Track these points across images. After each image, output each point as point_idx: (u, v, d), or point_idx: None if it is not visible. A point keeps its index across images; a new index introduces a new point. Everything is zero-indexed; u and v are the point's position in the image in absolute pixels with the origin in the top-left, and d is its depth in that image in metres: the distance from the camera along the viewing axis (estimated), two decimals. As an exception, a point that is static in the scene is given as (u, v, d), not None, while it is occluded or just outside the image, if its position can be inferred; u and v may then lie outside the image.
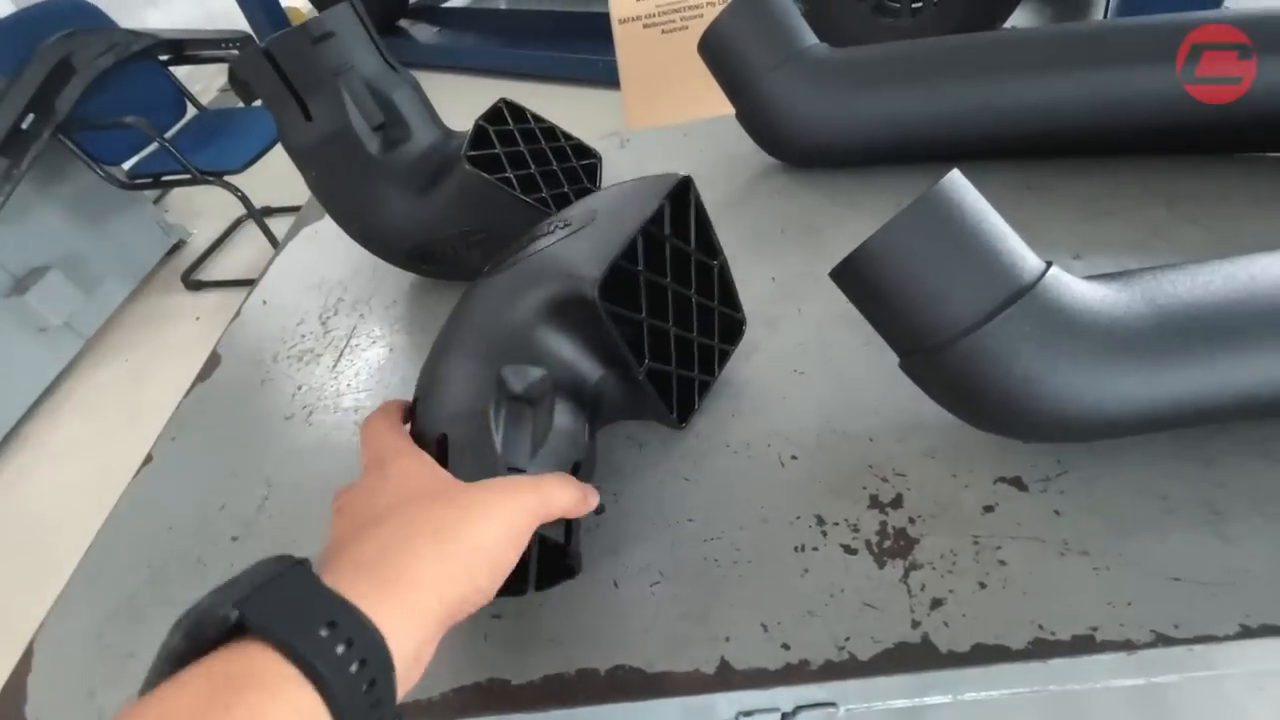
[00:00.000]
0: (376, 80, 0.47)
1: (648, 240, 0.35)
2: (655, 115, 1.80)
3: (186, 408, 0.50)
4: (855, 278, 0.33)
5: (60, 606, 0.39)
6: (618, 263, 0.33)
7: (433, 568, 0.23)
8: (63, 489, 1.53)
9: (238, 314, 0.58)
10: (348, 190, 0.49)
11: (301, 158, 0.48)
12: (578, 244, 0.35)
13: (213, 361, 0.54)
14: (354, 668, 0.20)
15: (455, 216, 0.48)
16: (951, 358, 0.31)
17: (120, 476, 0.43)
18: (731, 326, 0.43)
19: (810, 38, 0.55)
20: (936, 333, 0.31)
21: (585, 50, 2.57)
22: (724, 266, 0.41)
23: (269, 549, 0.39)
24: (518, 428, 0.32)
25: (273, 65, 0.44)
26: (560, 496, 0.29)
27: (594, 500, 0.31)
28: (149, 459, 0.46)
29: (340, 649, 0.19)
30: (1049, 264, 0.31)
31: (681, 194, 0.38)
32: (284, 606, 0.20)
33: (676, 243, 0.38)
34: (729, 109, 0.61)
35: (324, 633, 0.19)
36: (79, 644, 0.37)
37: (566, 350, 0.35)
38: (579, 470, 0.33)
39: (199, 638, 0.19)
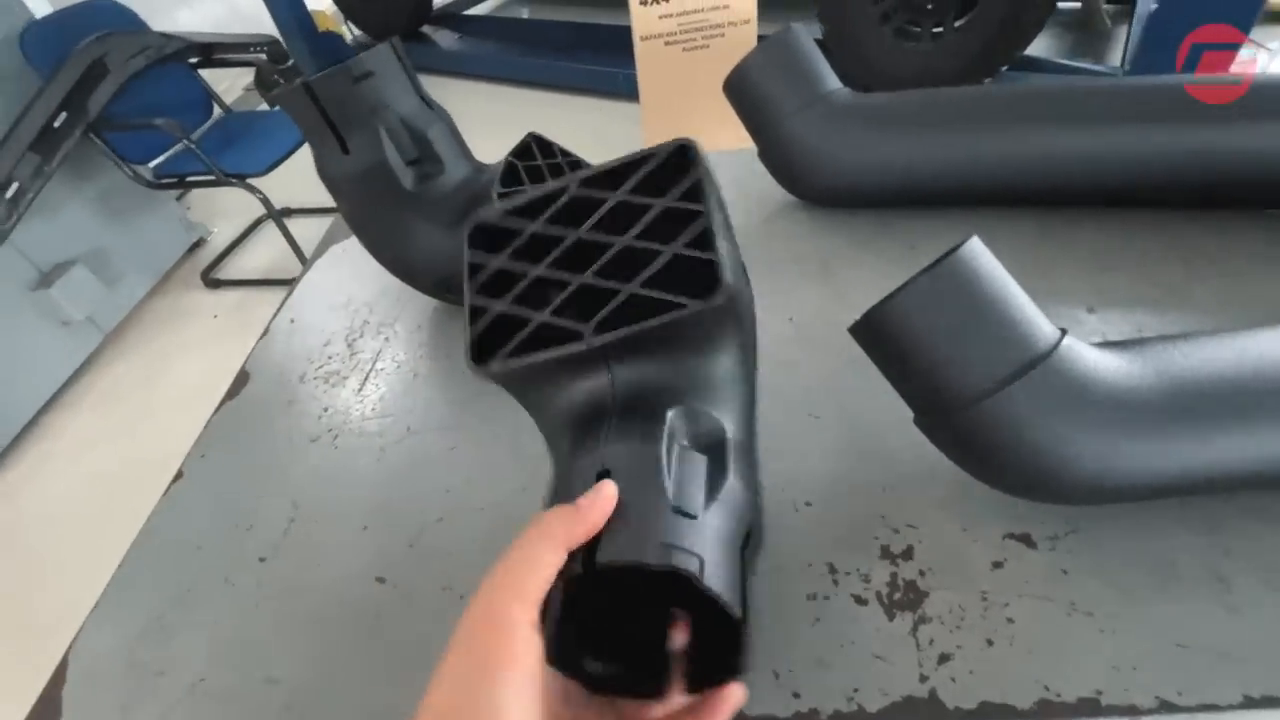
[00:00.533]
0: (412, 117, 0.48)
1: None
2: (673, 132, 1.81)
3: (216, 425, 0.52)
4: (874, 336, 0.34)
5: (93, 621, 0.40)
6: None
7: None
8: (80, 480, 1.55)
9: (266, 331, 0.60)
10: (380, 221, 0.50)
11: (336, 188, 0.50)
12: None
13: (241, 379, 0.55)
14: None
15: (483, 250, 0.49)
16: (966, 420, 0.32)
17: (136, 470, 0.45)
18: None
19: (834, 82, 0.57)
20: (952, 396, 0.32)
21: (606, 63, 2.59)
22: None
23: (294, 572, 0.41)
24: (691, 473, 0.26)
25: (313, 100, 0.45)
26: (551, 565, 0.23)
27: (608, 503, 0.25)
28: (179, 475, 0.48)
29: None
30: (1063, 332, 0.32)
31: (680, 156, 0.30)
32: None
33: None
34: (747, 142, 0.62)
35: None
36: (111, 660, 0.38)
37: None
38: (749, 541, 0.27)
39: None
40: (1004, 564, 0.35)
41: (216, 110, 2.05)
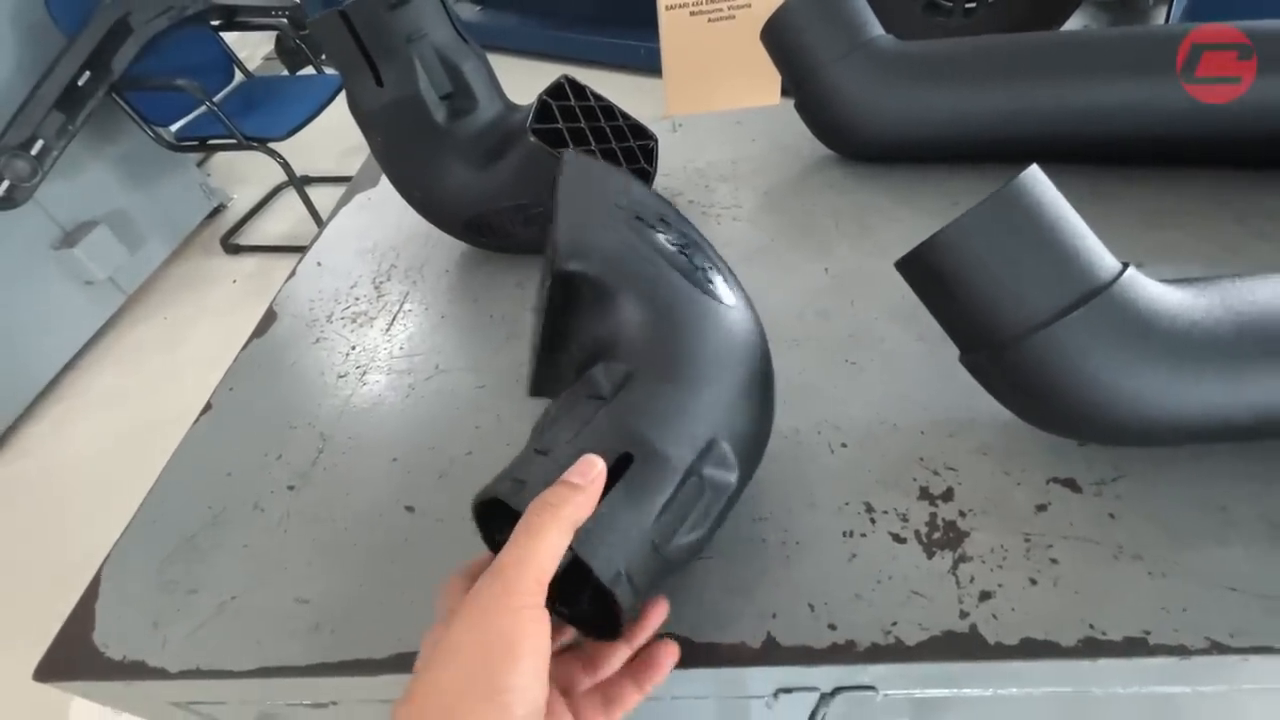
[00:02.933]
0: (447, 50, 0.47)
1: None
2: (695, 105, 1.79)
3: (244, 360, 0.52)
4: (924, 268, 0.33)
5: (124, 541, 0.40)
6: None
7: None
8: (101, 437, 1.58)
9: (293, 273, 0.60)
10: (412, 157, 0.49)
11: (368, 122, 0.49)
12: None
13: (269, 318, 0.55)
14: None
15: (515, 189, 0.48)
16: (1020, 354, 0.31)
17: (156, 429, 0.45)
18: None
19: (877, 28, 0.55)
20: (1006, 328, 0.31)
21: (627, 36, 2.55)
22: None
23: (324, 499, 0.41)
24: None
25: (348, 28, 0.45)
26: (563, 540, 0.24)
27: (598, 479, 0.26)
28: (208, 407, 0.48)
29: None
30: (1126, 264, 0.31)
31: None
32: None
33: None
34: (770, 104, 0.61)
35: None
36: (142, 577, 0.38)
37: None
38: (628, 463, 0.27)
39: None
40: (1047, 507, 0.34)
41: (238, 75, 2.05)
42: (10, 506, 1.46)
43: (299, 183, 1.90)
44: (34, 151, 1.54)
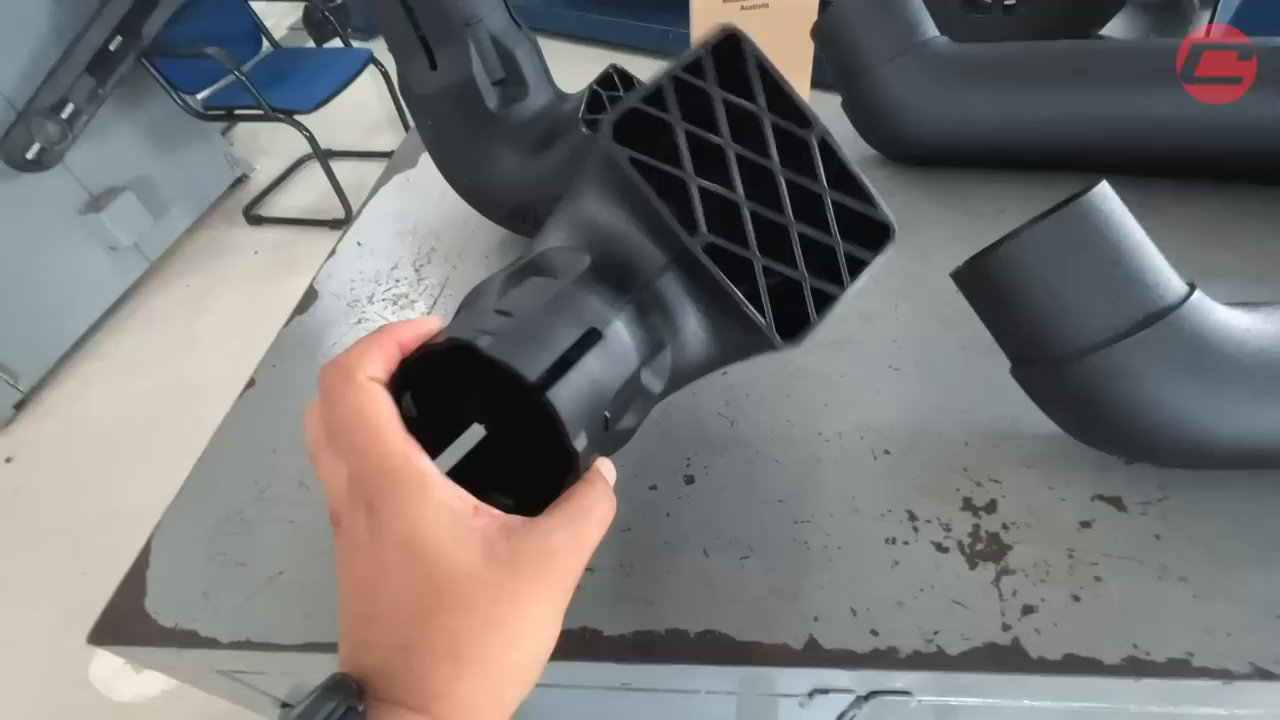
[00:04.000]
0: (501, 35, 0.47)
1: (686, 93, 0.26)
2: (725, 93, 1.77)
3: (286, 337, 0.52)
4: (984, 278, 0.32)
5: (174, 511, 0.41)
6: (638, 106, 0.25)
7: (486, 708, 0.21)
8: (122, 400, 1.60)
9: (333, 253, 0.60)
10: (462, 142, 0.49)
11: (419, 105, 0.49)
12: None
13: (310, 296, 0.56)
14: None
15: (563, 179, 0.48)
16: (1078, 371, 0.31)
17: (177, 394, 0.45)
18: (865, 226, 0.29)
19: (932, 29, 0.54)
20: (1066, 345, 0.31)
21: (654, 19, 2.52)
22: (828, 140, 0.28)
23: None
24: (526, 287, 0.26)
25: (407, 11, 0.44)
26: (605, 526, 0.23)
27: (611, 476, 0.26)
28: (252, 382, 0.49)
29: None
30: (1193, 286, 0.30)
31: (730, 52, 0.27)
32: None
33: (733, 98, 0.27)
34: (801, 95, 0.60)
35: None
36: (192, 547, 0.39)
37: (620, 232, 0.27)
38: (592, 340, 0.25)
39: None
40: (1092, 524, 0.34)
41: (265, 46, 2.04)
42: (32, 465, 1.49)
43: (323, 156, 1.90)
44: (64, 115, 1.55)
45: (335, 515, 0.22)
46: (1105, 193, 0.30)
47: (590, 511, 0.23)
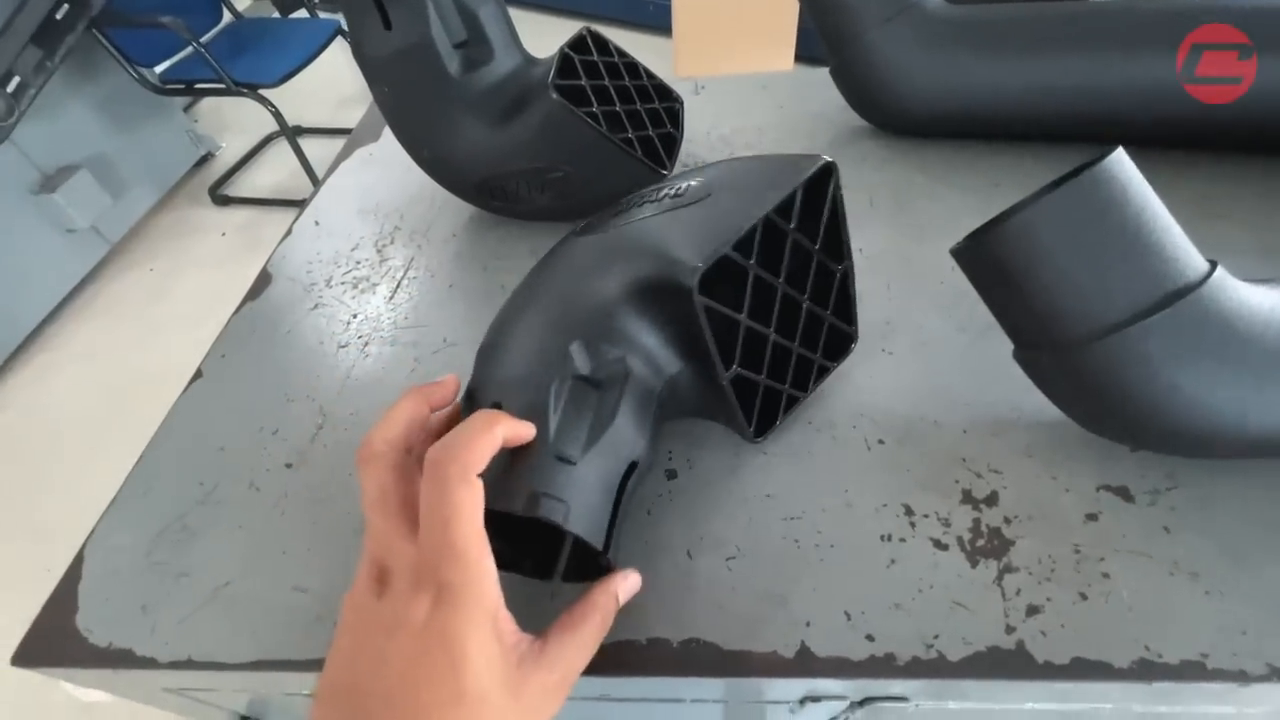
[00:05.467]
0: (462, -9, 0.43)
1: (767, 231, 0.31)
2: (705, 66, 1.73)
3: (236, 325, 0.48)
4: (985, 257, 0.30)
5: (110, 518, 0.38)
6: (728, 254, 0.29)
7: None
8: (84, 392, 1.54)
9: (289, 233, 0.56)
10: (421, 111, 0.46)
11: (374, 70, 0.45)
12: (687, 221, 0.31)
13: (263, 280, 0.52)
14: None
15: (533, 149, 0.45)
16: (1091, 356, 0.28)
17: (141, 384, 0.42)
18: (839, 340, 0.38)
19: (926, -11, 0.51)
20: (1077, 327, 0.28)
21: (636, -10, 2.45)
22: (848, 273, 0.36)
23: (324, 480, 0.38)
24: (578, 412, 0.29)
25: (355, -37, 0.40)
26: (594, 647, 0.27)
27: (634, 585, 0.29)
28: (199, 374, 0.45)
29: None
30: (1214, 263, 0.28)
31: (819, 181, 0.32)
32: None
33: (801, 239, 0.33)
34: (784, 67, 0.57)
35: None
36: (129, 557, 0.36)
37: (647, 337, 0.32)
38: (633, 471, 0.30)
39: None
40: (1098, 517, 0.32)
41: (226, 15, 1.95)
42: (-9, 459, 1.43)
43: (291, 133, 1.82)
44: (10, 89, 1.47)
45: (383, 577, 0.24)
46: (1121, 159, 0.27)
47: (587, 646, 0.26)
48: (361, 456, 0.26)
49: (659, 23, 2.05)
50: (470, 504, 0.23)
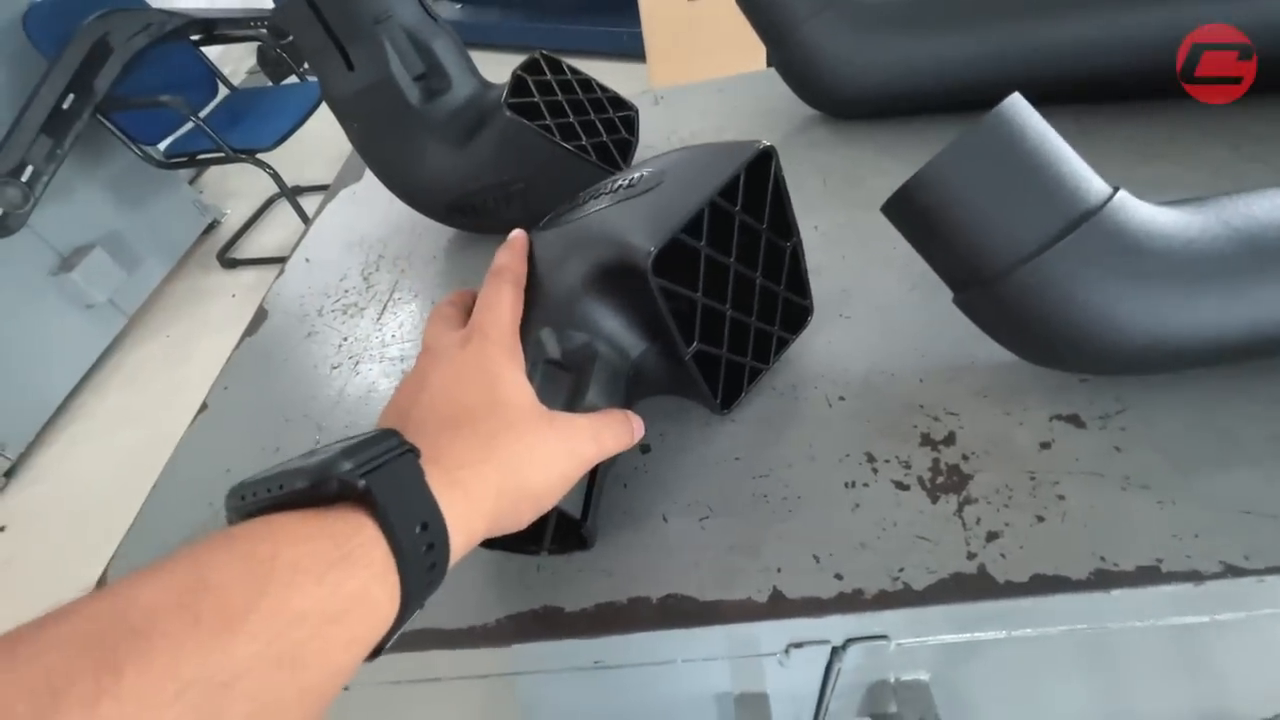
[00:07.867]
0: (416, 29, 0.47)
1: (715, 213, 0.32)
2: (682, 82, 1.78)
3: (237, 359, 0.51)
4: (909, 208, 0.32)
5: (128, 542, 0.40)
6: (678, 236, 0.31)
7: (493, 501, 0.25)
8: (111, 458, 1.59)
9: (282, 271, 0.59)
10: (389, 142, 0.49)
11: (343, 109, 0.48)
12: (638, 208, 0.33)
13: (260, 316, 0.55)
14: (428, 565, 0.22)
15: (495, 166, 0.48)
16: (1011, 287, 0.30)
17: (167, 445, 0.44)
18: (796, 314, 0.40)
19: (852, -20, 0.54)
20: (995, 262, 0.30)
21: (609, 23, 2.53)
22: (797, 248, 0.38)
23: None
24: (554, 393, 0.32)
25: (315, 13, 0.44)
26: (615, 442, 0.30)
27: (639, 431, 0.33)
28: (204, 407, 0.48)
29: (423, 548, 0.21)
30: (1116, 188, 0.30)
31: (760, 164, 0.34)
32: (397, 495, 0.21)
33: (747, 219, 0.35)
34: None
35: (418, 530, 0.21)
36: (148, 575, 0.38)
37: (611, 321, 0.34)
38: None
39: (321, 491, 0.21)
40: (1051, 444, 0.34)
41: (222, 90, 2.04)
42: (26, 532, 1.48)
43: (290, 193, 1.90)
44: (24, 178, 1.55)
45: (432, 341, 0.31)
46: (1016, 102, 0.29)
47: (607, 422, 0.30)
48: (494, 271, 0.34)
49: (635, 50, 2.11)
50: (512, 296, 0.31)
